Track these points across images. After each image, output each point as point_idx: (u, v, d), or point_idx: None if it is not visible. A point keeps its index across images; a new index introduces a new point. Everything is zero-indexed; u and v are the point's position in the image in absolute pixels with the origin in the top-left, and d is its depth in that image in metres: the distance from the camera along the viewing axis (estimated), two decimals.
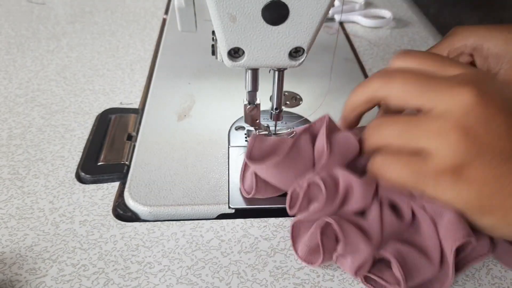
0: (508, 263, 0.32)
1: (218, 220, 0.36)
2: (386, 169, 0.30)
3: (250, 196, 0.36)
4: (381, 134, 0.31)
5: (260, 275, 0.32)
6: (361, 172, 0.33)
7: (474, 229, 0.30)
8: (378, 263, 0.31)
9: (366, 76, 0.55)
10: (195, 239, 0.34)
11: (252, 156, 0.34)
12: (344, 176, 0.31)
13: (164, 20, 0.68)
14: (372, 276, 0.30)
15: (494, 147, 0.27)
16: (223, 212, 0.36)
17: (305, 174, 0.33)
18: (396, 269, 0.29)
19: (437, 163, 0.28)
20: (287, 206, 0.33)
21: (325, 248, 0.31)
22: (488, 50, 0.37)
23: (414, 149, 0.29)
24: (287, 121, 0.45)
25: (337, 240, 0.31)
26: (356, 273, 0.30)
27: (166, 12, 0.70)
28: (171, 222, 0.35)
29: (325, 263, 0.31)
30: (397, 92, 0.30)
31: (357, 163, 0.34)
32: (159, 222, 0.35)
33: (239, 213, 0.36)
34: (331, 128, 0.34)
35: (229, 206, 0.36)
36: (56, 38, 0.62)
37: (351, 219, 0.31)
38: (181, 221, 0.35)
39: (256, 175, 0.35)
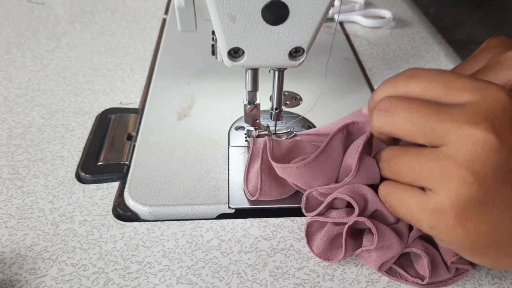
0: None
1: (218, 220, 0.36)
2: (392, 198, 0.29)
3: (254, 198, 0.35)
4: (391, 170, 0.29)
5: (260, 275, 0.32)
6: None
7: None
8: (400, 257, 0.32)
9: (366, 76, 0.55)
10: (195, 239, 0.34)
11: (275, 158, 0.34)
12: (372, 199, 0.31)
13: (164, 20, 0.68)
14: (398, 270, 0.31)
15: (500, 195, 0.25)
16: (223, 212, 0.36)
17: (329, 179, 0.33)
18: (425, 264, 0.30)
19: (438, 203, 0.26)
20: (302, 207, 0.34)
21: (347, 244, 0.31)
22: None
23: (421, 185, 0.28)
24: (287, 121, 0.45)
25: (354, 237, 0.32)
26: (381, 267, 0.31)
27: (166, 12, 0.70)
28: (171, 222, 0.35)
29: (340, 259, 0.32)
30: (402, 131, 0.27)
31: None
32: (159, 222, 0.35)
33: (239, 213, 0.36)
34: (366, 145, 0.33)
35: (229, 206, 0.36)
36: (56, 38, 0.62)
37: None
38: (181, 221, 0.35)
39: (261, 176, 0.35)
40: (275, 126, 0.42)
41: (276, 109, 0.40)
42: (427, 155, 0.27)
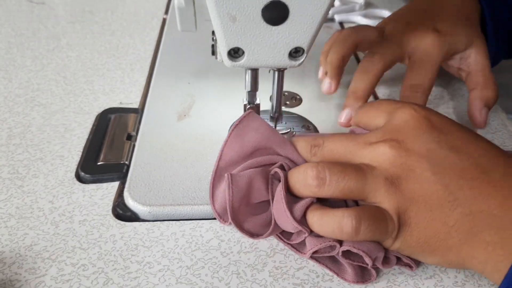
0: None
1: (217, 220, 0.36)
2: (323, 226, 0.30)
3: (227, 224, 0.34)
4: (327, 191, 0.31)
5: (259, 275, 0.32)
6: None
7: None
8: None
9: None
10: (194, 239, 0.34)
11: (234, 210, 0.32)
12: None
13: (164, 20, 0.68)
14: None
15: (421, 195, 0.28)
16: None
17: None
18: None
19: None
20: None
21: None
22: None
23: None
24: (287, 121, 0.45)
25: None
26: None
27: (166, 12, 0.70)
28: (170, 222, 0.35)
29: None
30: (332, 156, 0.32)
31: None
32: (158, 222, 0.35)
33: None
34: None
35: None
36: (56, 37, 0.62)
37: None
38: (181, 221, 0.35)
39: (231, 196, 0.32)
40: (275, 127, 0.42)
41: (275, 112, 0.40)
42: (360, 174, 0.30)
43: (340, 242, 0.30)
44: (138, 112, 0.48)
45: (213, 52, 0.37)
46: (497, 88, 0.45)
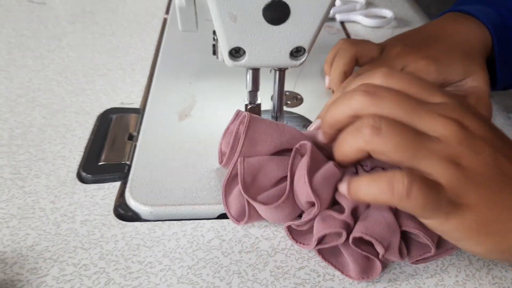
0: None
1: (219, 220, 0.36)
2: (371, 187, 0.28)
3: (242, 224, 0.33)
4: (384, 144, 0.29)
5: (260, 274, 0.32)
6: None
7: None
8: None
9: None
10: (196, 239, 0.34)
11: (246, 184, 0.32)
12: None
13: (165, 20, 0.68)
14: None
15: (485, 177, 0.28)
16: (224, 212, 0.36)
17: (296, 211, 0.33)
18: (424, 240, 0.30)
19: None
20: (289, 238, 0.33)
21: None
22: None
23: (413, 168, 0.28)
24: (288, 121, 0.45)
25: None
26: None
27: (167, 11, 0.70)
28: (172, 222, 0.35)
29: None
30: (387, 113, 0.29)
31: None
32: (160, 222, 0.35)
33: None
34: (314, 156, 0.32)
35: None
36: (57, 38, 0.62)
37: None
38: (182, 221, 0.35)
39: (247, 200, 0.32)
40: None
41: (277, 112, 0.40)
42: (419, 139, 0.28)
43: (348, 231, 0.30)
44: (139, 112, 0.48)
45: (214, 52, 0.37)
46: (490, 111, 0.44)
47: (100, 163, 0.41)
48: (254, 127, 0.34)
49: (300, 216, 0.33)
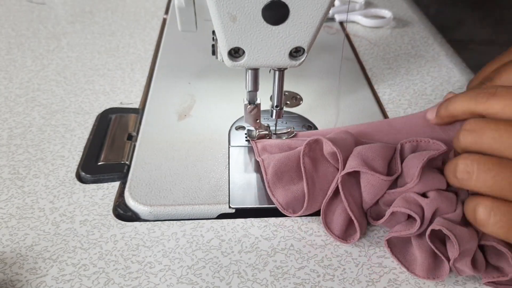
0: None
1: (218, 220, 0.36)
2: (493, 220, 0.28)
3: (298, 215, 0.35)
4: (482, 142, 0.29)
5: (260, 274, 0.32)
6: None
7: None
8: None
9: (366, 75, 0.55)
10: (195, 239, 0.34)
11: (271, 181, 0.35)
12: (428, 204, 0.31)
13: (164, 20, 0.68)
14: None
15: None
16: (224, 212, 0.36)
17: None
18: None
19: None
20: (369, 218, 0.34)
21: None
22: None
23: None
24: (287, 121, 0.45)
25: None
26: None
27: (167, 12, 0.70)
28: (171, 222, 0.35)
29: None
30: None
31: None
32: (159, 222, 0.35)
33: (240, 213, 0.36)
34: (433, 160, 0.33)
35: (229, 206, 0.36)
36: (56, 38, 0.62)
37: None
38: (182, 221, 0.35)
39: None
40: (276, 125, 0.42)
41: (277, 106, 0.40)
42: None
43: (421, 222, 0.30)
44: (139, 112, 0.48)
45: (214, 52, 0.37)
46: None
47: (99, 163, 0.41)
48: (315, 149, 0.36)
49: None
